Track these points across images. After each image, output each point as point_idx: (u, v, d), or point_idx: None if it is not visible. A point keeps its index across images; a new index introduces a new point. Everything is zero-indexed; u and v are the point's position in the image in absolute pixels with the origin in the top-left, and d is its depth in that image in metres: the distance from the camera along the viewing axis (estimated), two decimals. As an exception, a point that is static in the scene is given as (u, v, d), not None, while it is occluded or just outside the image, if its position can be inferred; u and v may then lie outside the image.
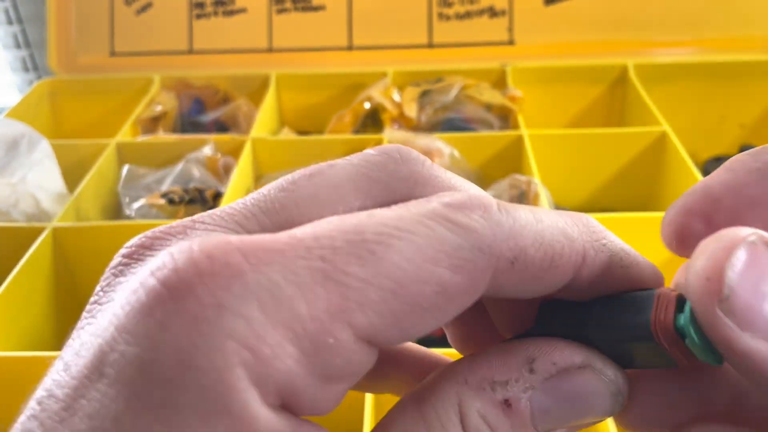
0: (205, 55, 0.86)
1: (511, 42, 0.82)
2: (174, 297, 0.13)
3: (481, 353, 0.16)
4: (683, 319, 0.15)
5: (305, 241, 0.14)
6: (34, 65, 1.00)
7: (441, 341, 0.56)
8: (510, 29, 0.82)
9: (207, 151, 0.70)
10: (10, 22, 0.96)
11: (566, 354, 0.16)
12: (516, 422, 0.15)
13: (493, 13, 0.82)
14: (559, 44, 0.82)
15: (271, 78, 0.82)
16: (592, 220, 0.17)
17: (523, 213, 0.16)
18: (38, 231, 0.58)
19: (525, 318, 0.19)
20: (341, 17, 0.84)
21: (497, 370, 0.16)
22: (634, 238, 0.62)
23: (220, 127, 0.80)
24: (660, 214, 0.59)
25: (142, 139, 0.74)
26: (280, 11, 0.85)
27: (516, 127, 0.72)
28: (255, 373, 0.13)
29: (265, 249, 0.13)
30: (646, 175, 0.71)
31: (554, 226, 0.16)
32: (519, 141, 0.69)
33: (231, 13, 0.85)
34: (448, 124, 0.73)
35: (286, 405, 0.13)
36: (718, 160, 0.75)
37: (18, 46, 0.98)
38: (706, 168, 0.74)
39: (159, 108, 0.79)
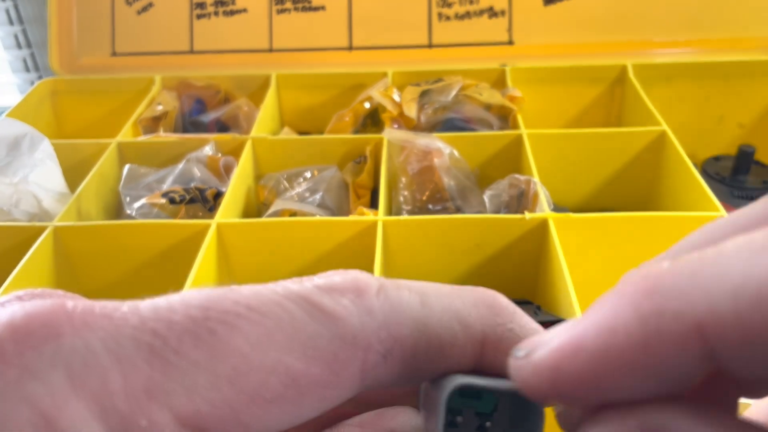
0: (206, 55, 0.86)
1: (510, 42, 0.83)
2: None
3: None
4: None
5: (141, 312, 0.12)
6: (35, 65, 1.00)
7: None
8: (509, 29, 0.83)
9: (208, 150, 0.71)
10: (11, 22, 0.97)
11: None
12: None
13: (492, 13, 0.83)
14: (559, 44, 0.82)
15: (272, 78, 0.82)
16: (500, 298, 0.15)
17: (406, 296, 0.14)
18: (40, 230, 0.59)
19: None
20: (341, 18, 0.84)
21: None
22: (633, 238, 0.62)
23: (221, 127, 0.81)
24: (659, 214, 0.59)
25: (143, 139, 0.74)
26: (281, 11, 0.85)
27: (515, 126, 0.72)
28: None
29: (95, 314, 0.12)
30: (644, 174, 0.72)
31: (446, 311, 0.14)
32: (518, 141, 0.69)
33: (231, 13, 0.85)
34: (448, 123, 0.73)
35: None
36: (717, 160, 0.76)
37: (19, 46, 0.99)
38: (705, 167, 0.74)
39: (160, 108, 0.79)
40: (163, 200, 0.64)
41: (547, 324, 0.56)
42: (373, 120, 0.78)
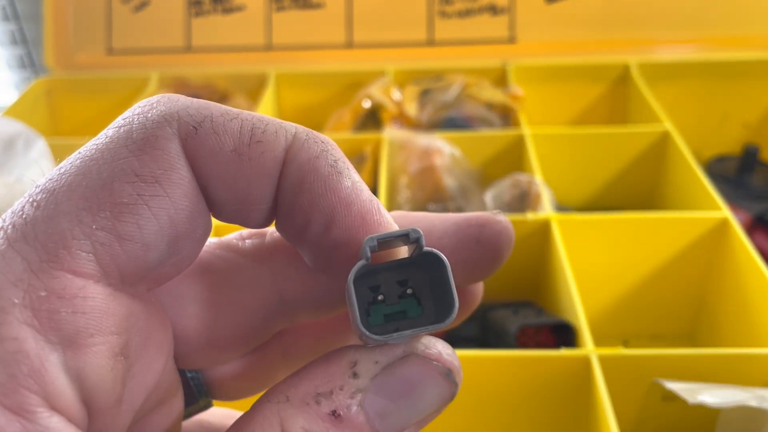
0: (203, 53, 0.85)
1: (512, 40, 0.82)
2: None
3: (304, 367, 0.15)
4: None
5: None
6: (30, 62, 0.99)
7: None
8: (511, 27, 0.82)
9: (205, 149, 0.70)
10: (6, 18, 0.96)
11: (386, 348, 0.14)
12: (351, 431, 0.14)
13: (494, 10, 0.82)
14: (561, 42, 0.81)
15: (270, 76, 0.81)
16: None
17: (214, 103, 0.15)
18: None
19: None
20: (340, 15, 0.83)
21: (319, 382, 0.14)
22: (637, 238, 0.61)
23: (219, 125, 0.80)
24: (663, 214, 0.58)
25: (139, 137, 0.73)
26: (279, 9, 0.84)
27: (517, 125, 0.71)
28: None
29: None
30: (648, 174, 0.71)
31: (255, 113, 0.15)
32: (520, 140, 0.68)
33: (229, 10, 0.84)
34: (449, 122, 0.72)
35: None
36: (720, 160, 0.75)
37: (15, 43, 0.98)
38: (709, 167, 0.73)
39: (157, 106, 0.78)
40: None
41: (550, 326, 0.55)
42: (372, 119, 0.78)
